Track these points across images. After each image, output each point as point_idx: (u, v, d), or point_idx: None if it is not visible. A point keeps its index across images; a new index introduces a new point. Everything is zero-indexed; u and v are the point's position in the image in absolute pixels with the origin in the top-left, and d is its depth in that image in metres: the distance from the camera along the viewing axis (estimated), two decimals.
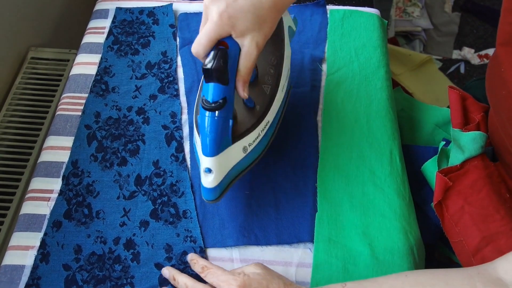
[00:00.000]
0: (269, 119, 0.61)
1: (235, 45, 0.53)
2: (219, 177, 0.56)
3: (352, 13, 0.84)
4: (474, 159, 0.67)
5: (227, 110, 0.53)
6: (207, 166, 0.55)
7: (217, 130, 0.53)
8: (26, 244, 0.62)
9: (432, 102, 0.91)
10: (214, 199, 0.58)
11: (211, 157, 0.54)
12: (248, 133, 0.57)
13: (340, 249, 0.61)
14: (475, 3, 1.95)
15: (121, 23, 0.84)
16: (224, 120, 0.53)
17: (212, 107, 0.52)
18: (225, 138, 0.54)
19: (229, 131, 0.54)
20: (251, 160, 0.60)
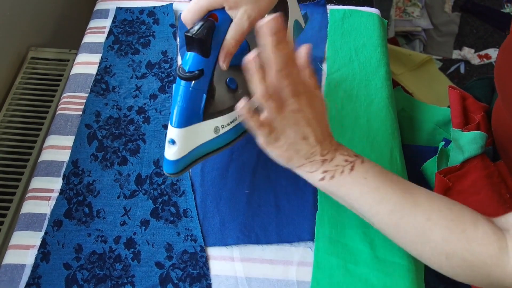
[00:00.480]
0: None
1: (226, 20, 0.52)
2: (183, 151, 0.54)
3: (352, 13, 0.85)
4: (474, 159, 0.67)
5: (202, 83, 0.51)
6: (172, 137, 0.53)
7: (188, 101, 0.51)
8: (27, 243, 0.62)
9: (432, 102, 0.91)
10: (173, 172, 0.55)
11: (177, 128, 0.52)
12: (223, 114, 0.55)
13: (340, 248, 0.61)
14: (475, 3, 1.95)
15: (122, 22, 0.85)
16: (197, 93, 0.51)
17: (186, 77, 0.50)
18: (195, 112, 0.52)
19: (201, 105, 0.52)
20: (223, 143, 0.58)
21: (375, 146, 0.70)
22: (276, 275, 0.60)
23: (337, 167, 0.53)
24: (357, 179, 0.53)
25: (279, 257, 0.61)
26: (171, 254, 0.61)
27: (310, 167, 0.54)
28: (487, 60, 1.82)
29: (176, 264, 0.61)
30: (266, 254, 0.62)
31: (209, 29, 0.50)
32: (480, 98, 0.77)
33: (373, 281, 0.58)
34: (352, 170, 0.53)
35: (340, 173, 0.53)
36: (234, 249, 0.62)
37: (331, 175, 0.53)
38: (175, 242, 0.62)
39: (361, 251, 0.60)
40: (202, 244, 0.62)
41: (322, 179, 0.54)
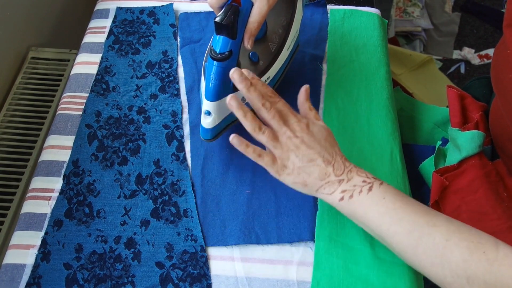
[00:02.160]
0: (270, 74, 0.66)
1: (248, 3, 0.58)
2: (217, 120, 0.63)
3: (352, 13, 0.85)
4: (471, 158, 0.67)
5: (232, 62, 0.58)
6: (207, 109, 0.61)
7: (220, 78, 0.59)
8: (27, 243, 0.62)
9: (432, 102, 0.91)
10: (210, 138, 0.65)
11: (212, 101, 0.60)
12: None
13: (341, 248, 0.61)
14: (475, 3, 1.95)
15: (122, 22, 0.85)
16: (227, 71, 0.57)
17: (218, 58, 0.57)
18: (227, 87, 0.60)
19: (231, 81, 0.58)
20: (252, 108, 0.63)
21: (375, 146, 0.70)
22: (276, 275, 0.60)
23: (355, 187, 0.55)
24: (376, 199, 0.54)
25: (279, 257, 0.61)
26: (171, 254, 0.61)
27: (328, 188, 0.56)
28: (487, 60, 1.82)
29: (177, 264, 0.61)
30: (266, 254, 0.62)
31: (235, 14, 0.56)
32: (478, 98, 0.77)
33: (373, 281, 0.58)
34: (371, 191, 0.54)
35: (358, 193, 0.54)
36: (234, 249, 0.62)
37: (350, 194, 0.55)
38: (175, 242, 0.62)
39: (361, 251, 0.60)
40: (202, 244, 0.62)
41: (341, 199, 0.55)
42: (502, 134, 0.66)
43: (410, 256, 0.53)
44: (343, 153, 0.69)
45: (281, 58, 0.68)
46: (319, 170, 0.56)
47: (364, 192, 0.54)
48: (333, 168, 0.56)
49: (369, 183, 0.55)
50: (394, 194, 0.54)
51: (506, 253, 0.47)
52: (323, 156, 0.56)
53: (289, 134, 0.56)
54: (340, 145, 0.69)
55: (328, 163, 0.56)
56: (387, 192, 0.54)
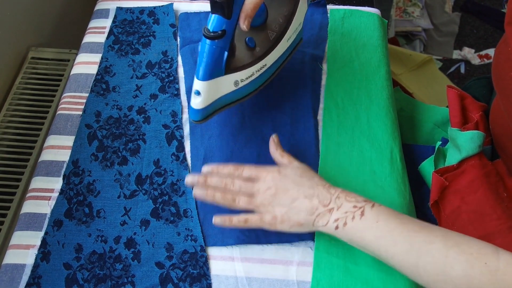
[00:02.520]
0: (266, 62, 0.65)
1: None
2: (206, 101, 0.61)
3: (352, 13, 0.85)
4: (471, 159, 0.67)
5: (224, 42, 0.58)
6: (197, 88, 0.60)
7: (212, 57, 0.58)
8: (27, 243, 0.62)
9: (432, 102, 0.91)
10: (198, 119, 0.63)
11: (202, 81, 0.60)
12: (242, 69, 0.62)
13: (341, 248, 0.60)
14: (475, 3, 1.95)
15: (122, 22, 0.85)
16: (220, 50, 0.58)
17: (211, 36, 0.57)
18: (218, 67, 0.59)
19: (223, 61, 0.59)
20: (242, 95, 0.65)
21: (375, 146, 0.70)
22: (276, 275, 0.60)
23: (346, 213, 0.55)
24: (370, 224, 0.54)
25: (279, 257, 0.61)
26: (171, 254, 0.61)
27: (321, 220, 0.56)
28: (487, 60, 1.82)
29: (176, 264, 0.61)
30: (266, 254, 0.62)
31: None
32: (478, 98, 0.77)
33: (373, 281, 0.58)
34: (363, 215, 0.54)
35: (351, 220, 0.55)
36: (234, 249, 0.62)
37: (343, 222, 0.55)
38: (175, 242, 0.62)
39: (361, 251, 0.60)
40: (202, 244, 0.62)
41: (336, 228, 0.55)
42: (503, 134, 0.66)
43: (412, 275, 0.53)
44: (344, 154, 0.69)
45: (279, 47, 0.67)
46: (305, 207, 0.57)
47: (357, 218, 0.54)
48: (318, 199, 0.57)
49: (360, 207, 0.55)
50: (387, 215, 0.54)
51: (508, 261, 0.48)
52: (304, 193, 0.57)
53: (262, 189, 0.59)
54: (340, 145, 0.70)
55: (311, 197, 0.57)
56: (380, 214, 0.54)
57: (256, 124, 0.72)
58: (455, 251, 0.50)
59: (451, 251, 0.50)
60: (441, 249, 0.50)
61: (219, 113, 0.73)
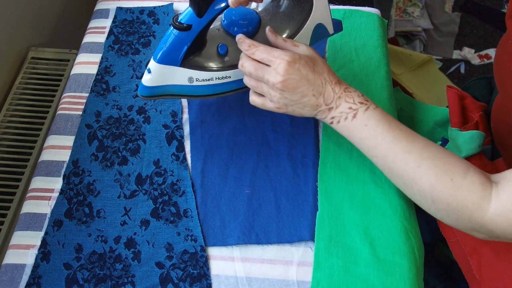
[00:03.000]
0: (231, 75, 0.63)
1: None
2: (154, 82, 0.62)
3: (352, 13, 0.85)
4: (471, 159, 0.67)
5: (187, 36, 0.59)
6: (150, 66, 0.61)
7: (170, 45, 0.59)
8: (27, 243, 0.62)
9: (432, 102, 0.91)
10: (143, 95, 0.63)
11: (156, 62, 0.60)
12: (199, 70, 0.62)
13: (341, 248, 0.61)
14: (475, 3, 1.95)
15: (122, 22, 0.85)
16: (179, 42, 0.59)
17: (176, 25, 0.58)
18: (174, 57, 0.60)
19: (180, 54, 0.60)
20: (197, 93, 0.65)
21: None
22: (276, 275, 0.60)
23: (341, 113, 0.59)
24: (358, 126, 0.58)
25: (279, 257, 0.61)
26: (171, 254, 0.61)
27: (320, 115, 0.60)
28: (487, 60, 1.82)
29: (176, 264, 0.61)
30: (266, 254, 0.62)
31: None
32: (478, 98, 0.77)
33: (373, 281, 0.58)
34: (354, 118, 0.58)
35: (344, 119, 0.59)
36: (234, 249, 0.62)
37: (337, 120, 0.59)
38: (175, 242, 0.62)
39: (361, 251, 0.60)
40: (202, 244, 0.62)
41: (331, 123, 0.60)
42: (505, 130, 0.66)
43: (386, 174, 0.60)
44: (344, 154, 0.69)
45: None
46: (311, 103, 0.59)
47: (349, 119, 0.58)
48: (323, 98, 0.59)
49: (354, 109, 0.58)
50: (377, 120, 0.58)
51: (473, 181, 0.52)
52: (313, 91, 0.59)
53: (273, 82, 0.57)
54: (340, 145, 0.70)
55: (318, 95, 0.59)
56: (370, 118, 0.58)
57: (256, 124, 0.72)
58: (427, 163, 0.54)
59: (424, 163, 0.55)
60: (416, 159, 0.55)
61: (219, 113, 0.73)
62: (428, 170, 0.54)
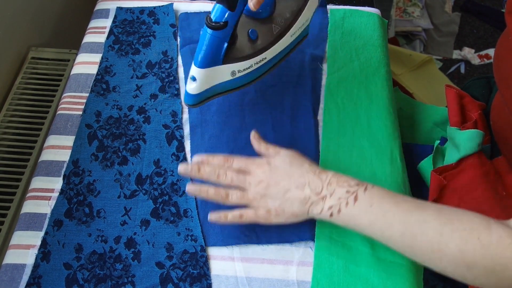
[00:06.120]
0: (266, 56, 0.65)
1: None
2: (201, 87, 0.62)
3: (352, 13, 0.85)
4: (470, 157, 0.67)
5: (225, 33, 0.58)
6: (193, 74, 0.61)
7: (211, 47, 0.59)
8: (27, 243, 0.62)
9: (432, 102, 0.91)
10: (191, 104, 0.64)
11: (199, 68, 0.60)
12: (241, 61, 0.62)
13: (341, 248, 0.60)
14: (475, 3, 1.95)
15: (122, 22, 0.85)
16: (219, 41, 0.59)
17: (212, 26, 0.58)
18: (216, 57, 0.60)
19: (222, 52, 0.60)
20: (237, 85, 0.66)
21: (375, 146, 0.70)
22: (276, 275, 0.60)
23: (340, 200, 0.55)
24: (364, 209, 0.54)
25: (280, 257, 0.61)
26: (171, 254, 0.61)
27: (315, 209, 0.56)
28: (487, 60, 1.82)
29: (177, 264, 0.61)
30: (266, 254, 0.62)
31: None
32: (477, 98, 0.77)
33: (373, 281, 0.58)
34: (357, 200, 0.54)
35: (345, 206, 0.54)
36: (234, 249, 0.62)
37: (337, 208, 0.55)
38: (175, 242, 0.62)
39: (361, 251, 0.60)
40: (202, 244, 0.62)
41: (331, 215, 0.55)
42: (505, 128, 0.66)
43: (409, 254, 0.54)
44: (344, 154, 0.69)
45: (282, 42, 0.66)
46: (297, 197, 0.56)
47: (351, 204, 0.54)
48: (309, 188, 0.56)
49: (353, 192, 0.55)
50: (381, 197, 0.54)
51: (500, 235, 0.48)
52: (295, 183, 0.57)
53: (254, 183, 0.58)
54: (340, 145, 0.70)
55: (302, 186, 0.57)
56: (373, 197, 0.54)
57: (256, 124, 0.72)
58: (449, 228, 0.50)
59: (445, 229, 0.50)
60: (435, 227, 0.51)
61: (219, 113, 0.73)
62: (451, 235, 0.50)
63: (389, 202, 0.54)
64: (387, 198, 0.54)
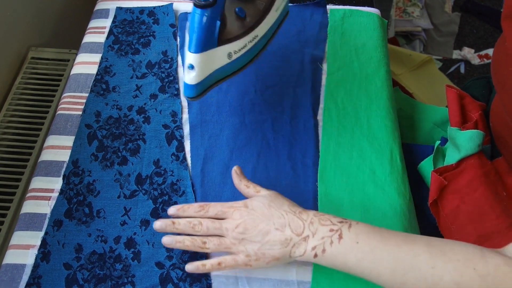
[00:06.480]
0: (258, 33, 0.63)
1: None
2: (201, 75, 0.58)
3: (352, 13, 0.85)
4: (470, 158, 0.67)
5: (216, 10, 0.55)
6: (191, 62, 0.57)
7: (204, 27, 0.55)
8: (27, 243, 0.62)
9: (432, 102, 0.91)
10: (193, 96, 0.59)
11: (195, 53, 0.56)
12: (235, 40, 0.59)
13: None
14: (475, 3, 1.95)
15: (122, 22, 0.85)
16: (211, 20, 0.56)
17: (201, 4, 0.54)
18: (211, 38, 0.57)
19: (215, 32, 0.56)
20: (235, 68, 0.62)
21: (375, 146, 0.70)
22: (276, 275, 0.60)
23: (323, 239, 0.53)
24: (349, 247, 0.52)
25: None
26: (171, 254, 0.61)
27: (298, 250, 0.54)
28: (487, 60, 1.82)
29: (176, 264, 0.61)
30: None
31: None
32: (478, 98, 0.77)
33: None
34: (341, 239, 0.52)
35: (330, 245, 0.52)
36: None
37: (322, 248, 0.52)
38: None
39: None
40: None
41: (315, 256, 0.53)
42: (504, 130, 0.66)
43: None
44: (344, 154, 0.69)
45: (269, 18, 0.64)
46: (278, 238, 0.54)
47: (335, 243, 0.52)
48: (290, 229, 0.54)
49: (336, 230, 0.52)
50: (367, 233, 0.52)
51: (497, 264, 0.47)
52: (274, 224, 0.54)
53: (231, 228, 0.55)
54: (340, 145, 0.70)
55: (282, 227, 0.54)
56: (358, 234, 0.52)
57: (256, 124, 0.72)
58: (442, 260, 0.48)
59: (438, 261, 0.48)
60: (427, 260, 0.49)
61: (219, 113, 0.73)
62: (445, 267, 0.48)
63: (376, 237, 0.51)
64: (373, 233, 0.52)
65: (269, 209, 0.55)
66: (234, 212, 0.56)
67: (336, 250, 0.52)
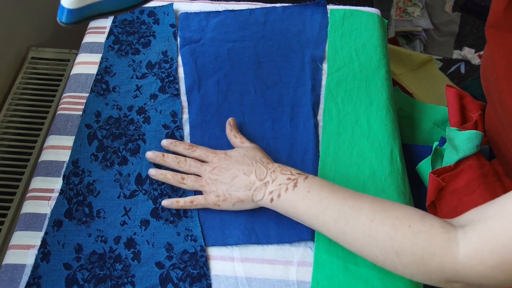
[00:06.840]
0: None
1: None
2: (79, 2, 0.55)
3: (352, 13, 0.85)
4: (469, 159, 0.67)
5: None
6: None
7: None
8: (27, 243, 0.62)
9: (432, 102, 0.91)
10: (66, 22, 0.56)
11: None
12: None
13: (341, 248, 0.60)
14: (475, 3, 1.95)
15: (122, 22, 0.85)
16: None
17: None
18: None
19: None
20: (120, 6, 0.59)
21: (375, 146, 0.70)
22: (276, 275, 0.60)
23: (280, 185, 0.58)
24: (302, 194, 0.57)
25: (279, 257, 0.61)
26: (171, 254, 0.61)
27: (258, 194, 0.59)
28: None
29: (176, 264, 0.61)
30: (266, 254, 0.62)
31: None
32: (477, 97, 0.77)
33: (373, 281, 0.58)
34: (296, 186, 0.57)
35: (285, 191, 0.57)
36: (234, 249, 0.62)
37: (278, 193, 0.58)
38: (175, 242, 0.62)
39: None
40: (202, 244, 0.62)
41: (271, 200, 0.58)
42: (496, 135, 0.66)
43: (342, 242, 0.55)
44: (344, 154, 0.69)
45: None
46: (243, 182, 0.60)
47: (290, 189, 0.57)
48: (255, 175, 0.60)
49: (293, 179, 0.58)
50: (320, 185, 0.57)
51: (433, 224, 0.49)
52: (243, 170, 0.61)
53: (209, 170, 0.63)
54: (340, 145, 0.70)
55: (249, 173, 0.61)
56: (312, 185, 0.57)
57: (256, 124, 0.72)
58: (381, 215, 0.52)
59: (377, 215, 0.52)
60: (367, 214, 0.52)
61: (219, 113, 0.72)
62: (383, 222, 0.51)
63: (327, 190, 0.56)
64: (325, 187, 0.57)
65: (243, 157, 0.62)
66: (214, 157, 0.64)
67: (290, 196, 0.57)
